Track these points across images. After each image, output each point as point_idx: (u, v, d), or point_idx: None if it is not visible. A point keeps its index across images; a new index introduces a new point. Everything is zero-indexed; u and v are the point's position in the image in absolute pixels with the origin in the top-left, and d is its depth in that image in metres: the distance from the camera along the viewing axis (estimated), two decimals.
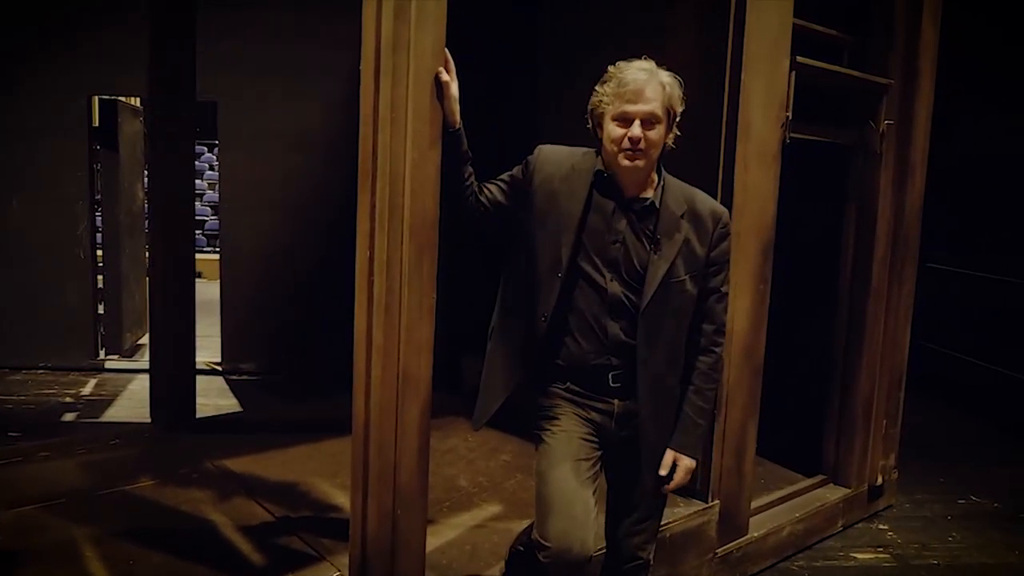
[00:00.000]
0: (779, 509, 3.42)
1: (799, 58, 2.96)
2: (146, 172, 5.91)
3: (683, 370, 2.02)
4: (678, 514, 2.91)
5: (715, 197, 2.80)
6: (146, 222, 6.29)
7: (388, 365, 2.03)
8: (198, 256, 11.46)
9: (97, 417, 4.84)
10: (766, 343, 3.10)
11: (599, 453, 2.01)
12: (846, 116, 3.50)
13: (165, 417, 3.53)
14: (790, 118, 2.97)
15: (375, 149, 1.98)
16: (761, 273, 3.02)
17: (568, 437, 1.96)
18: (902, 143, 3.51)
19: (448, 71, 2.00)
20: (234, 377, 5.84)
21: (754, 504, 3.27)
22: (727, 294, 2.06)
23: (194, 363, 3.67)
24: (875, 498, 3.81)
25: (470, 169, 2.04)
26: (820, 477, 3.71)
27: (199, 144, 15.40)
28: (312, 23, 5.61)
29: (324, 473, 3.09)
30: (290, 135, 5.75)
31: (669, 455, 2.00)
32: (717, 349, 2.04)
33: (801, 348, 3.88)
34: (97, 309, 5.92)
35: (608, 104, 1.87)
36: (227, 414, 4.21)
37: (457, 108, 2.02)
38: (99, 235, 5.97)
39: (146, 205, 6.43)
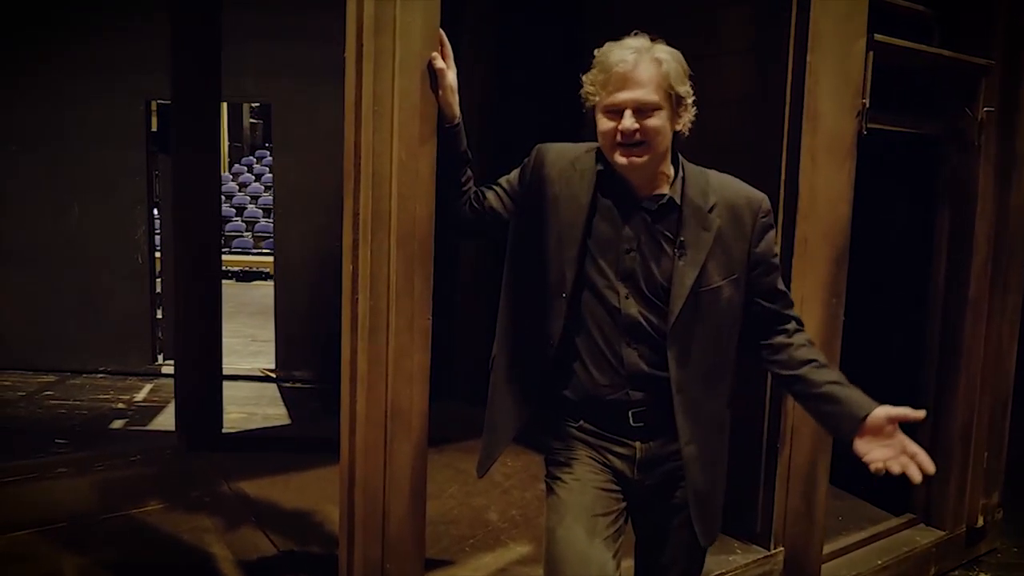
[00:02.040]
0: (859, 554, 3.02)
1: (877, 36, 2.55)
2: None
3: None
4: (734, 563, 2.56)
5: (777, 198, 2.48)
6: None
7: (374, 397, 1.77)
8: (267, 259, 11.53)
9: (145, 424, 4.80)
10: (844, 362, 2.70)
11: (622, 505, 1.68)
12: (936, 103, 3.05)
13: (189, 433, 3.38)
14: (867, 106, 2.56)
15: (357, 148, 1.72)
16: (833, 285, 2.62)
17: (582, 487, 1.64)
18: (1005, 133, 3.04)
19: (444, 56, 1.73)
20: (287, 385, 5.74)
21: (829, 548, 2.89)
22: (786, 291, 1.69)
23: (220, 375, 3.52)
24: (975, 542, 3.35)
25: (468, 172, 1.76)
26: (909, 516, 3.29)
27: None
28: None
29: None
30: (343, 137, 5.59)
31: (876, 417, 1.50)
32: (805, 331, 1.69)
33: (886, 368, 3.43)
34: (155, 314, 5.93)
35: (595, 94, 1.55)
36: (254, 429, 4.06)
37: (455, 100, 1.74)
38: (158, 239, 5.97)
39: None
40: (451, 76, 1.73)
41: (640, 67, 1.50)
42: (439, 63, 1.71)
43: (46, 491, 2.86)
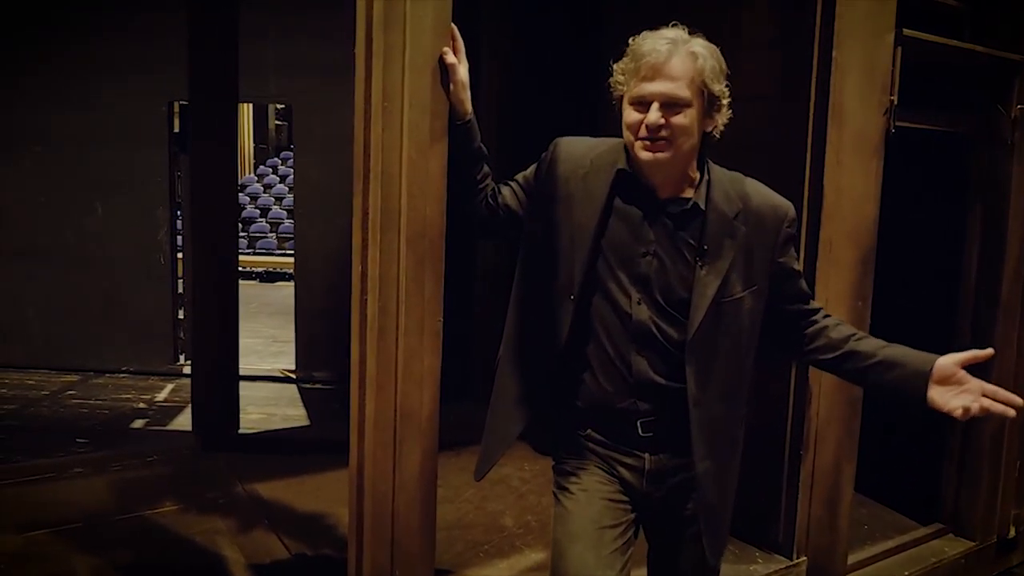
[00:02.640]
0: (885, 564, 2.93)
1: (906, 31, 2.47)
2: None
3: (744, 407, 1.62)
4: (755, 572, 2.50)
5: (800, 198, 2.41)
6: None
7: (383, 400, 1.73)
8: (291, 259, 11.56)
9: (165, 425, 4.82)
10: None
11: (631, 516, 1.62)
12: (967, 100, 2.96)
13: (205, 433, 3.37)
14: (895, 103, 2.48)
15: (367, 146, 1.69)
16: (859, 289, 2.55)
17: (589, 498, 1.59)
18: None
19: (455, 51, 1.69)
20: (307, 386, 5.74)
21: (854, 557, 2.81)
22: (809, 293, 1.65)
23: (237, 374, 3.52)
24: (1006, 553, 3.25)
25: (484, 169, 1.71)
26: (937, 526, 3.19)
27: None
28: None
29: None
30: None
31: (945, 366, 1.45)
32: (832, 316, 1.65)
33: None
34: (177, 314, 5.96)
35: (624, 84, 1.49)
36: (270, 431, 4.04)
37: (467, 96, 1.70)
38: (179, 239, 6.01)
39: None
40: (463, 71, 1.69)
41: (673, 59, 1.43)
42: (450, 58, 1.67)
43: (62, 491, 2.86)
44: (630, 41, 1.49)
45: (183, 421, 4.86)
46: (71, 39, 5.57)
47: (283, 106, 15.46)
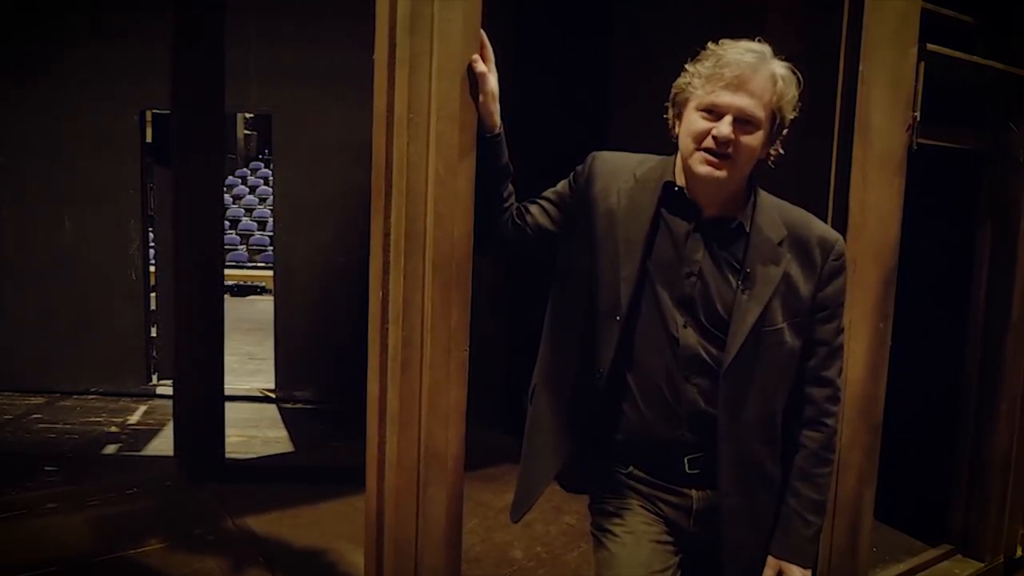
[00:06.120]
0: None
1: (929, 46, 2.40)
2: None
3: (782, 448, 1.52)
4: None
5: (825, 216, 2.32)
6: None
7: (406, 439, 1.58)
8: (263, 273, 11.35)
9: (139, 449, 4.60)
10: None
11: (677, 559, 1.52)
12: (978, 117, 2.92)
13: (190, 461, 3.18)
14: (918, 119, 2.41)
15: (389, 160, 1.55)
16: (882, 309, 2.46)
17: (636, 541, 1.48)
18: None
19: (485, 59, 1.56)
20: (288, 406, 5.54)
21: None
22: (842, 347, 1.53)
23: (223, 398, 3.33)
24: (1013, 572, 3.20)
25: (510, 187, 1.60)
26: (946, 547, 3.13)
27: None
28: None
29: (357, 538, 2.66)
30: (351, 149, 5.39)
31: (772, 565, 1.50)
32: (830, 421, 1.52)
33: (923, 391, 3.28)
34: (149, 332, 5.73)
35: (697, 88, 1.39)
36: (261, 457, 3.88)
37: (497, 108, 1.58)
38: (152, 253, 5.78)
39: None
40: (493, 81, 1.56)
41: (758, 75, 1.35)
42: (480, 67, 1.54)
43: (37, 529, 2.67)
44: (709, 45, 1.40)
45: (159, 446, 4.65)
46: (38, 46, 5.34)
47: (252, 115, 15.23)
